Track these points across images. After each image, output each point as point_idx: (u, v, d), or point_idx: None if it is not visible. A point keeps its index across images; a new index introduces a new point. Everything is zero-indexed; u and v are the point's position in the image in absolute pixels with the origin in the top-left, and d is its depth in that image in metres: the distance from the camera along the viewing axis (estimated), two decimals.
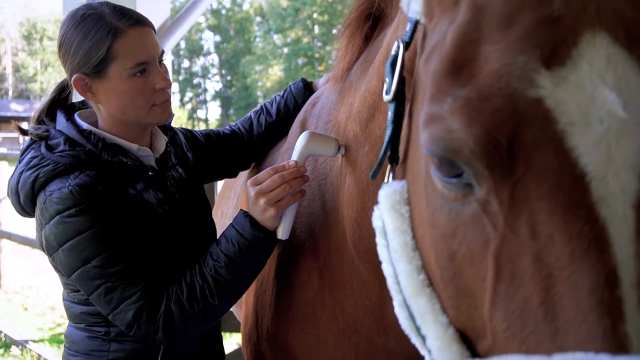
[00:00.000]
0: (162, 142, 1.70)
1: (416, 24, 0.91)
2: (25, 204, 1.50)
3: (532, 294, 0.67)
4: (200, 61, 50.32)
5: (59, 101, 1.64)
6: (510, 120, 0.67)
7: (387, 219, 0.89)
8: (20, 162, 1.53)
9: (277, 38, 39.02)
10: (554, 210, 0.66)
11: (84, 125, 1.56)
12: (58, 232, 1.42)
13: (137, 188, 1.53)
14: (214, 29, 47.17)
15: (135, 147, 1.59)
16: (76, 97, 1.65)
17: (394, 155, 0.99)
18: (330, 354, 1.47)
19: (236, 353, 3.50)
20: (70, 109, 1.62)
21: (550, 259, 0.66)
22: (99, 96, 1.53)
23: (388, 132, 0.98)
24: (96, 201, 1.43)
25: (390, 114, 0.97)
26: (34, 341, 5.34)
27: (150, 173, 1.59)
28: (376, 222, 0.93)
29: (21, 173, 1.49)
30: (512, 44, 0.69)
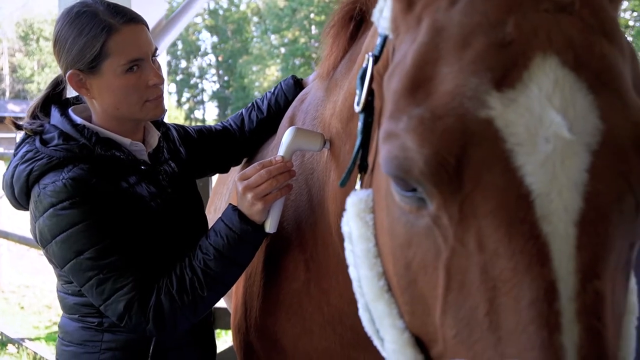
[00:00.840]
0: (154, 137, 1.74)
1: (385, 38, 0.94)
2: (20, 197, 1.54)
3: (479, 303, 0.71)
4: (198, 62, 50.28)
5: (54, 96, 1.67)
6: (460, 139, 0.71)
7: (353, 226, 0.93)
8: (15, 156, 1.56)
9: (274, 38, 39.00)
10: (499, 226, 0.69)
11: (78, 120, 1.59)
12: (51, 224, 1.45)
13: (129, 182, 1.57)
14: (211, 29, 47.13)
15: (128, 142, 1.62)
16: (70, 93, 1.68)
17: (363, 164, 1.02)
18: (315, 344, 1.50)
19: (231, 350, 3.51)
20: (64, 104, 1.66)
21: (495, 272, 0.69)
22: (93, 92, 1.56)
23: (357, 141, 1.01)
24: (89, 194, 1.46)
25: (360, 124, 1.01)
26: (30, 339, 5.37)
27: (142, 167, 1.62)
28: (344, 227, 0.97)
29: (16, 167, 1.52)
30: (465, 66, 0.73)
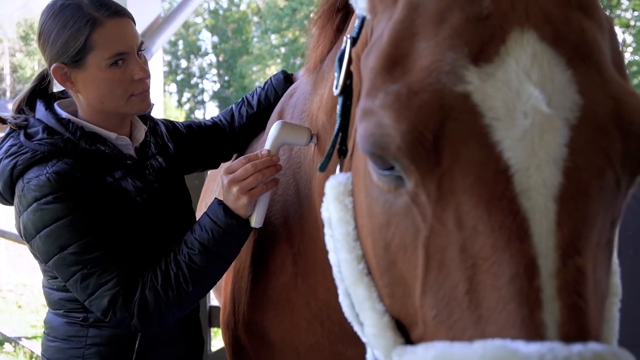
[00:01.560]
0: (141, 131, 1.72)
1: (363, 20, 0.93)
2: (4, 192, 1.52)
3: (459, 282, 0.69)
4: (198, 62, 50.23)
5: (39, 91, 1.66)
6: (437, 114, 0.69)
7: (332, 210, 0.91)
8: None
9: (274, 38, 39.01)
10: (478, 202, 0.68)
11: (63, 114, 1.58)
12: (35, 219, 1.44)
13: (115, 176, 1.55)
14: (211, 29, 47.10)
15: (114, 136, 1.61)
16: (57, 87, 1.67)
17: (342, 148, 1.00)
18: (303, 338, 1.49)
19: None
20: (50, 99, 1.64)
21: (474, 249, 0.68)
22: (78, 86, 1.55)
23: (336, 125, 1.00)
24: (73, 189, 1.44)
25: (338, 108, 0.99)
26: (27, 338, 5.36)
27: (128, 162, 1.61)
28: (324, 212, 0.95)
29: None
30: (442, 41, 0.72)
